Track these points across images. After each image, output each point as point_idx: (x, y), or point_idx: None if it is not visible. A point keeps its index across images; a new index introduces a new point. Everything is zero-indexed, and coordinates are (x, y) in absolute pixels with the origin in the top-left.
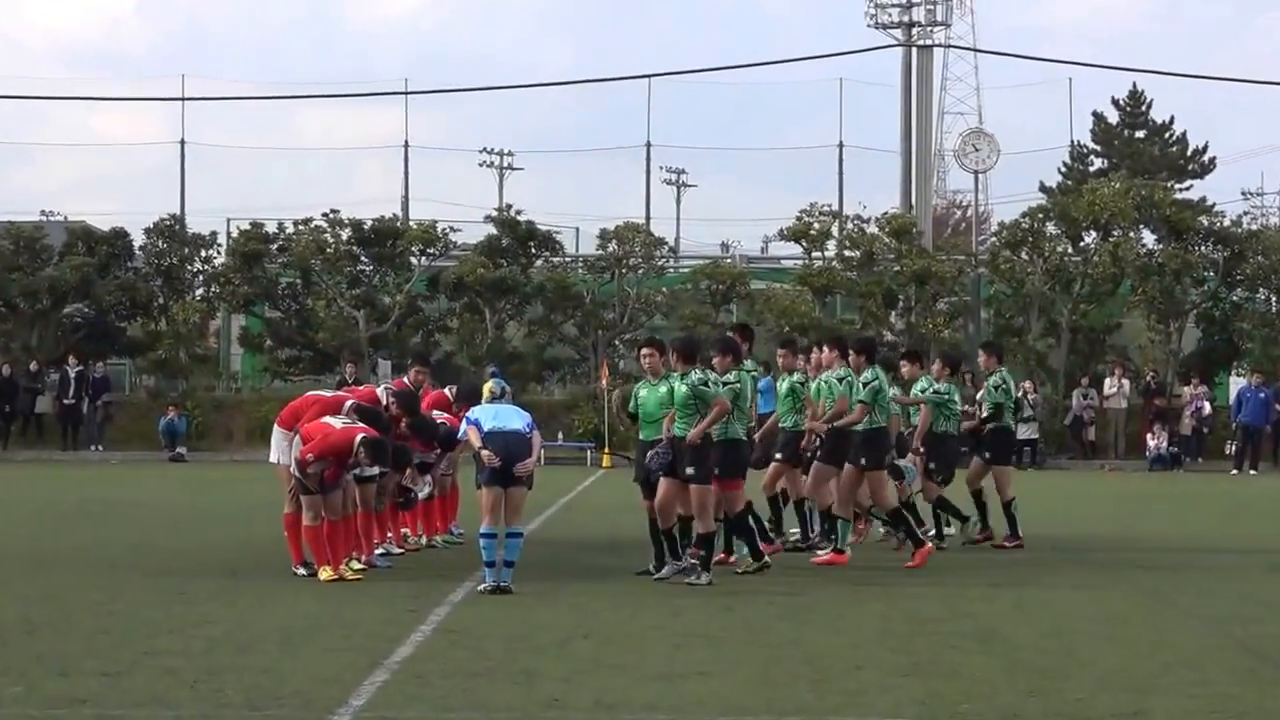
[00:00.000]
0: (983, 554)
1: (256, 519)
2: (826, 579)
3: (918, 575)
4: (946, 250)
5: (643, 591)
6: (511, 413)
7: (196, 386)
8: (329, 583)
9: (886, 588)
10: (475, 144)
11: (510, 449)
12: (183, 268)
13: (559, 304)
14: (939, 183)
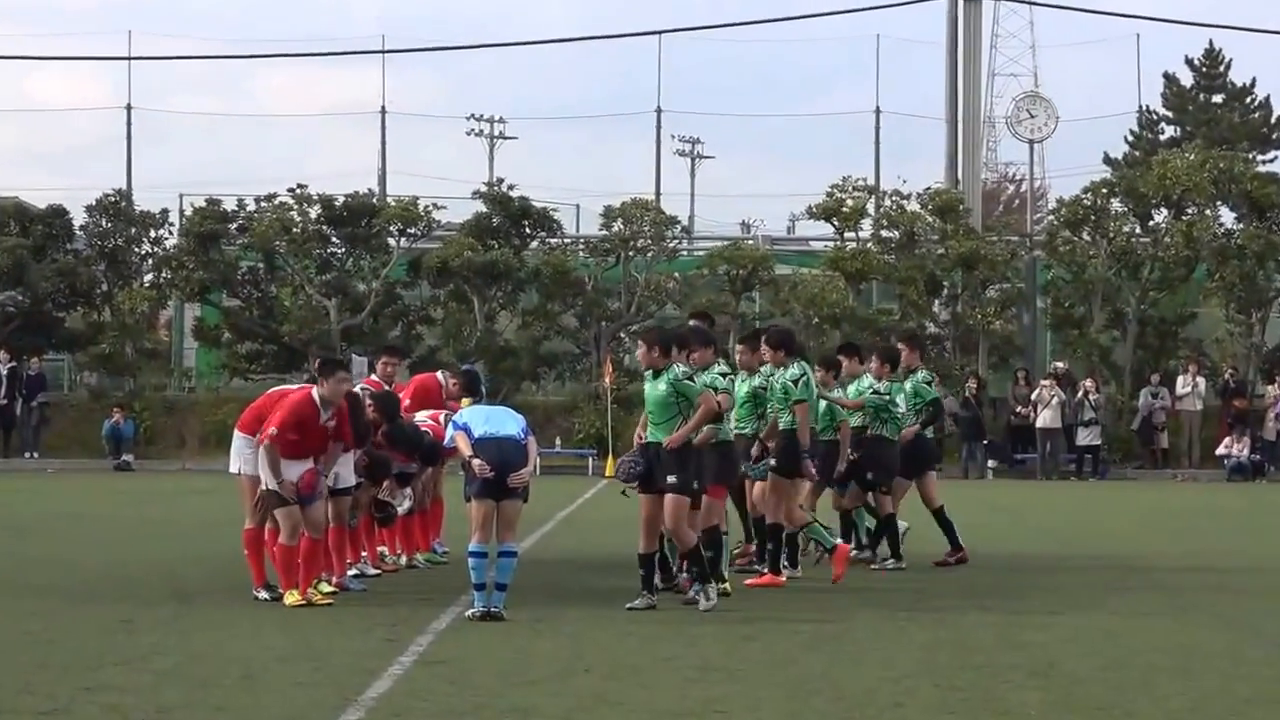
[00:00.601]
0: (1036, 576)
1: (212, 536)
2: (860, 604)
3: (964, 599)
4: (997, 230)
5: (652, 619)
6: (504, 416)
7: (145, 385)
8: (296, 608)
9: (928, 614)
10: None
11: (504, 457)
12: (129, 250)
13: (557, 291)
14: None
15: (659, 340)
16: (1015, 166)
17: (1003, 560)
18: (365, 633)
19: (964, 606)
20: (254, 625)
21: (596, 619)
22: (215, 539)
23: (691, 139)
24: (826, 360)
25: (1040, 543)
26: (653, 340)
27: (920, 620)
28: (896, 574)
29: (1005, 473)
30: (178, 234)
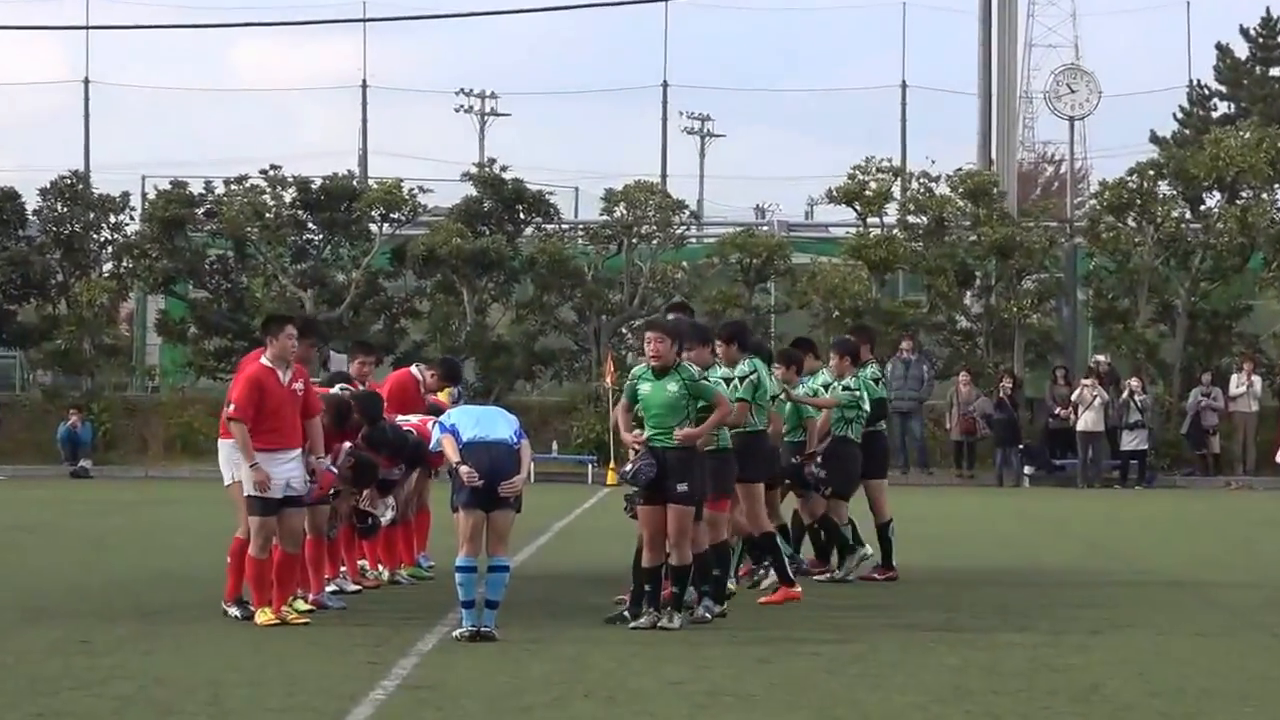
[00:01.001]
0: (1076, 592)
1: (178, 549)
2: (884, 624)
3: (997, 618)
4: (1035, 216)
5: (657, 639)
6: (496, 417)
7: (104, 385)
8: (268, 627)
9: (958, 634)
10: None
11: (494, 464)
12: (87, 237)
13: (554, 282)
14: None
15: (678, 333)
16: (1054, 146)
17: (1040, 575)
18: (344, 654)
19: (997, 626)
20: (223, 646)
21: (597, 639)
22: (181, 552)
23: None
24: (788, 356)
25: (1081, 556)
26: (674, 333)
27: (949, 641)
28: (923, 590)
29: (1043, 480)
30: (140, 219)
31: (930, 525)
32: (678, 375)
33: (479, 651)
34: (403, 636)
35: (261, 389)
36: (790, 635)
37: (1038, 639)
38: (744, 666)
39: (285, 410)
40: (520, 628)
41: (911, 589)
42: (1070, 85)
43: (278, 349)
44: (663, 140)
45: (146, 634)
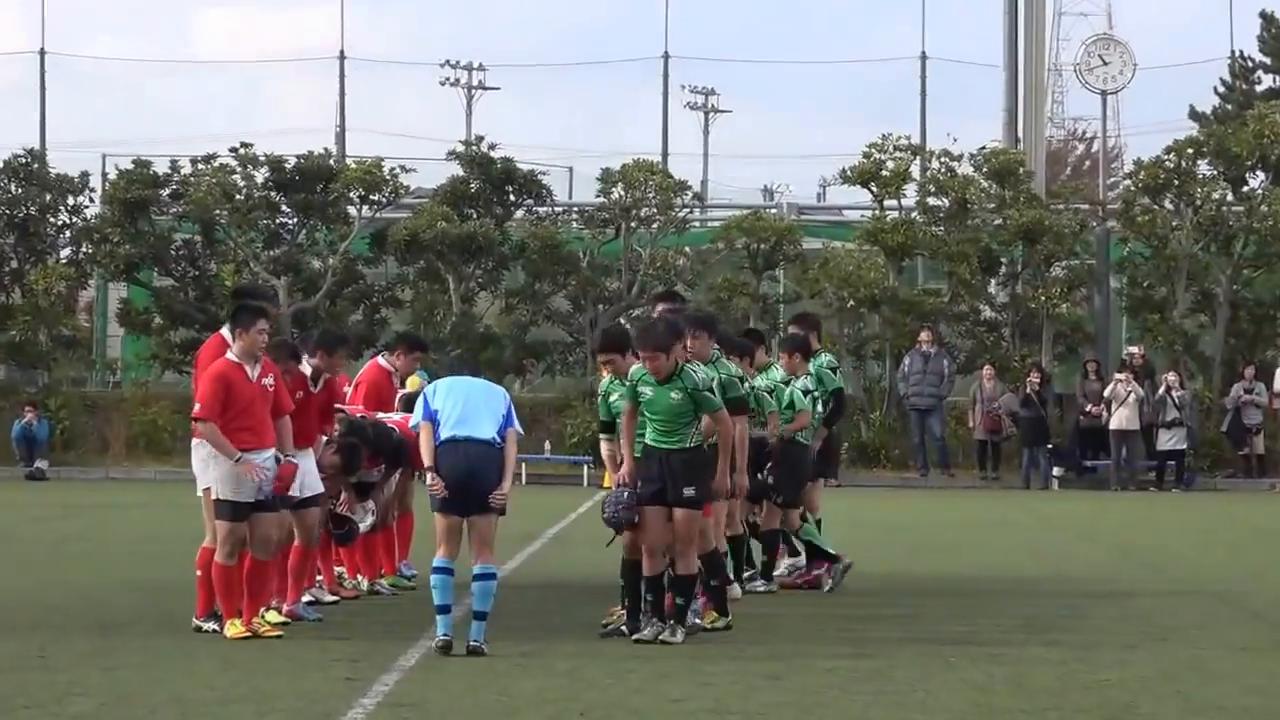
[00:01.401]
0: (1109, 604)
1: (142, 556)
2: (901, 637)
3: (1023, 632)
4: (1064, 197)
5: (658, 654)
6: (480, 405)
7: (62, 379)
8: (238, 640)
9: (982, 648)
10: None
11: (471, 467)
12: (43, 220)
13: (546, 269)
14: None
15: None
16: (1085, 122)
17: (1069, 585)
18: (321, 670)
19: (1024, 640)
20: (190, 661)
21: (593, 654)
22: (145, 560)
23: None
24: (740, 348)
25: (1114, 564)
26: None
27: (972, 655)
28: (944, 601)
29: (1073, 482)
30: (100, 201)
31: (952, 531)
32: (680, 383)
33: (466, 667)
34: (383, 651)
35: (228, 386)
36: (802, 650)
37: (1067, 654)
38: (751, 683)
39: (255, 408)
40: (511, 641)
41: (932, 600)
42: (1103, 56)
43: (247, 344)
44: (663, 116)
45: (108, 648)
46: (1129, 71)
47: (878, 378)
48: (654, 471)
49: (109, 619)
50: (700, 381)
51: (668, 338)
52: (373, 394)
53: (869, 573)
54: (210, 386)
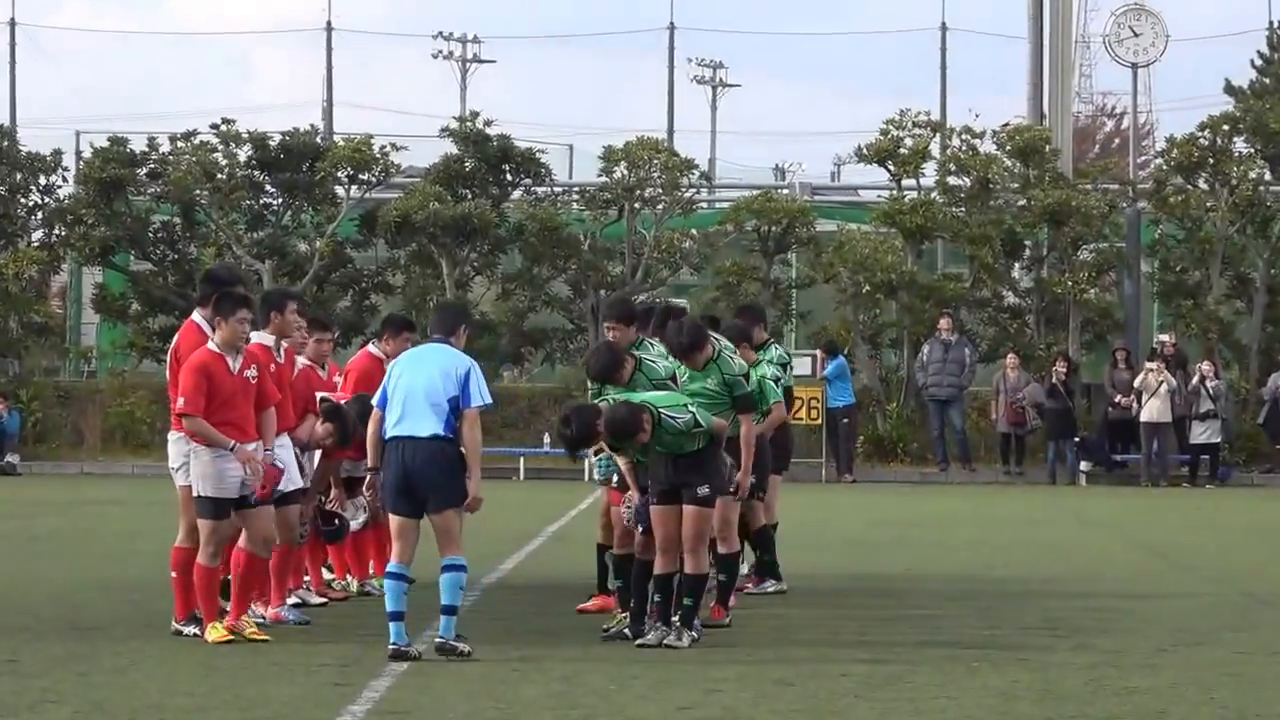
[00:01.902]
0: (1140, 605)
1: (119, 556)
2: (920, 641)
3: (1050, 635)
4: (1093, 177)
5: (664, 659)
6: (428, 386)
7: (34, 369)
8: (221, 644)
9: (1006, 652)
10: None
11: (408, 470)
12: (13, 201)
13: (545, 252)
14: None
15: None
16: (1115, 97)
17: (1098, 586)
18: (307, 675)
19: (1050, 643)
20: (169, 667)
21: (594, 658)
22: (122, 560)
23: (712, 63)
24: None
25: (1145, 564)
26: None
27: (995, 660)
28: (965, 602)
29: (1102, 477)
30: (74, 181)
31: (973, 529)
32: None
33: (460, 673)
34: (373, 655)
35: (210, 378)
36: (815, 654)
37: (1095, 658)
38: (761, 689)
39: (237, 401)
40: (508, 645)
41: (953, 601)
42: (1133, 27)
43: (228, 334)
44: (669, 91)
45: (82, 653)
46: (1161, 43)
47: (895, 367)
48: (664, 471)
49: (84, 621)
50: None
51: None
52: (364, 383)
53: (886, 573)
54: (191, 379)
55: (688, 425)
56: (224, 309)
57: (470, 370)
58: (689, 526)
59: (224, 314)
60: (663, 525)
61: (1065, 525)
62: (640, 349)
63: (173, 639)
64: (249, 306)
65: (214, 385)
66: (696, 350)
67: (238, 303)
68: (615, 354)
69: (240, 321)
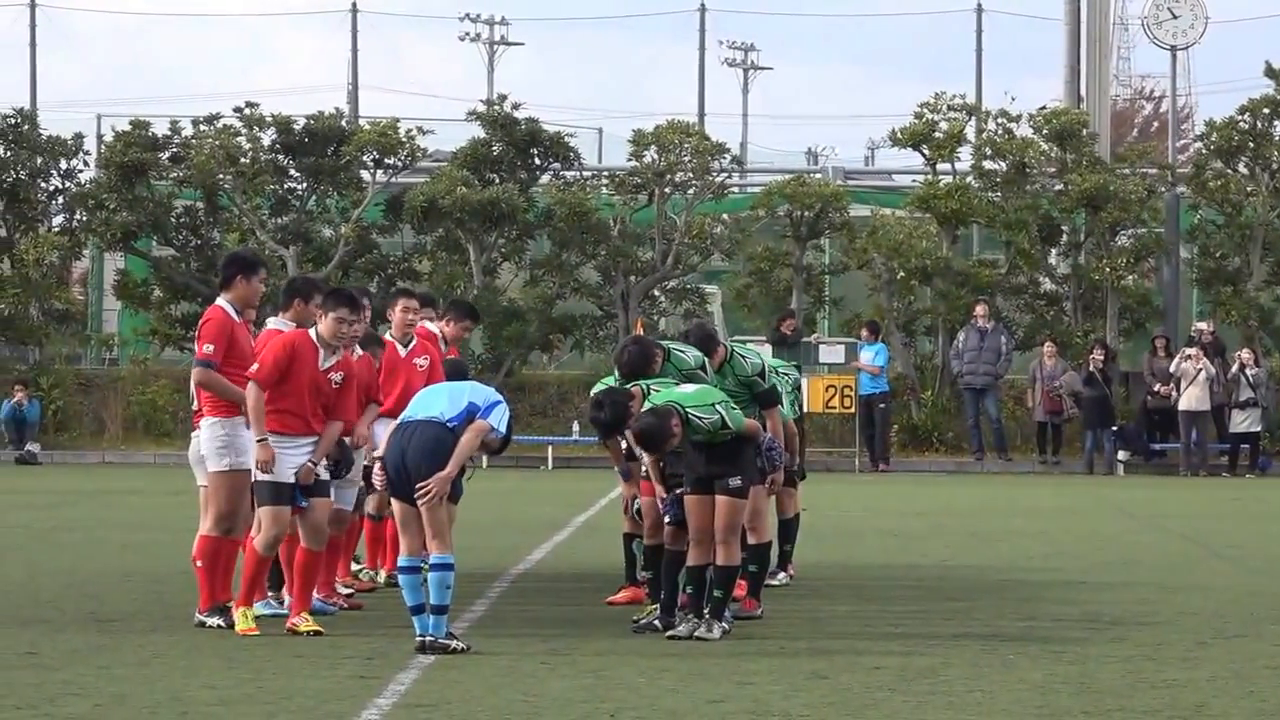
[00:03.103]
0: (1178, 597)
1: (141, 546)
2: (955, 634)
3: (1087, 628)
4: (1131, 161)
5: (694, 651)
6: (458, 390)
7: (54, 356)
8: (247, 636)
9: (1042, 645)
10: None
11: (408, 450)
12: (34, 185)
13: (574, 238)
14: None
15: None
16: (1153, 80)
17: (1136, 577)
18: (332, 668)
19: (1087, 636)
20: (192, 659)
21: (624, 651)
22: (144, 550)
23: (744, 45)
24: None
25: (1183, 555)
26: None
27: (1032, 653)
28: (1001, 594)
29: (1139, 467)
30: (95, 165)
31: (1009, 519)
32: (731, 370)
33: (487, 665)
34: (400, 648)
35: (293, 359)
36: (848, 646)
37: (1133, 650)
38: (794, 682)
39: (309, 397)
40: (536, 638)
41: (988, 593)
42: (1172, 9)
43: (328, 330)
44: (700, 73)
45: (104, 645)
46: (1200, 25)
47: (930, 355)
48: (697, 461)
49: (105, 613)
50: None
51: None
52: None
53: (920, 564)
54: (277, 352)
55: (714, 426)
56: (329, 304)
57: (501, 403)
58: (721, 517)
59: (328, 309)
60: (696, 516)
61: (1103, 515)
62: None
63: (195, 630)
64: (353, 306)
65: (294, 369)
66: (709, 355)
67: (343, 300)
68: (645, 348)
69: (338, 321)
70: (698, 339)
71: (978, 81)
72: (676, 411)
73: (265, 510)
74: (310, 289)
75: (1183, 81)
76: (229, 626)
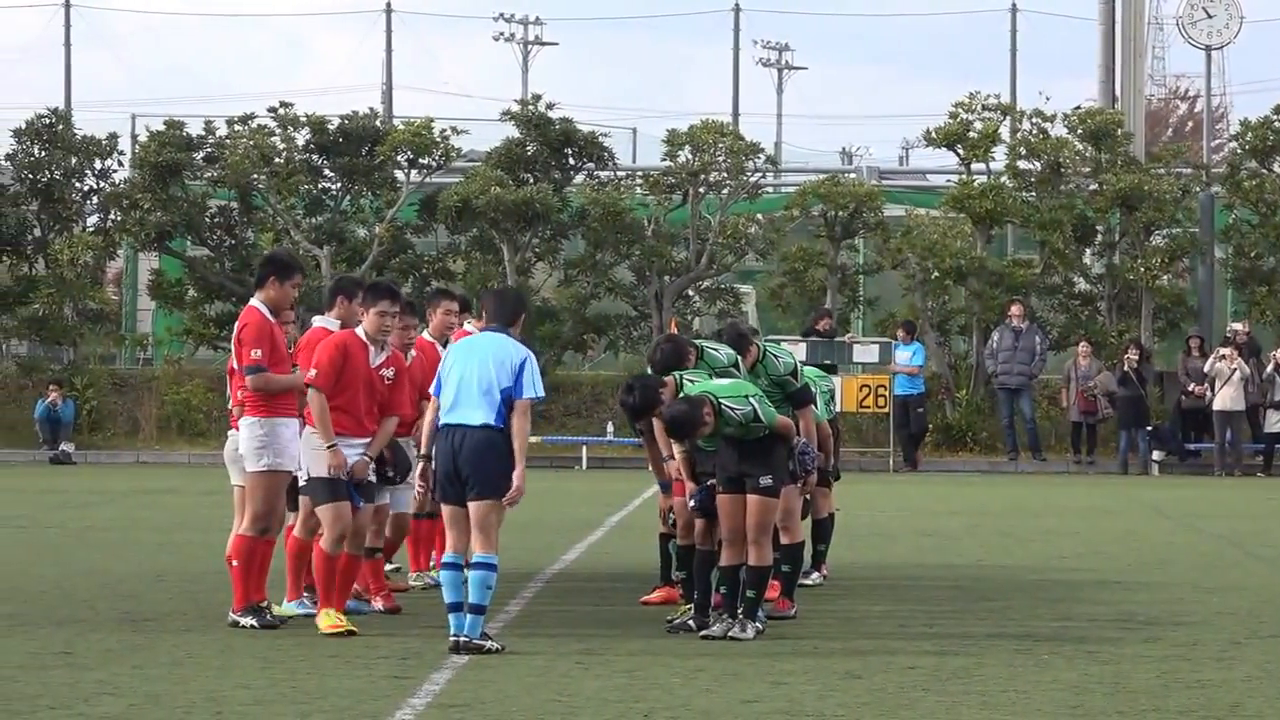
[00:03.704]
0: (1213, 597)
1: (175, 546)
2: (990, 634)
3: (1121, 628)
4: (1166, 161)
5: (728, 651)
6: (480, 373)
7: (89, 356)
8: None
9: (1077, 645)
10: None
11: (457, 457)
12: (68, 185)
13: (608, 238)
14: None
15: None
16: (1188, 80)
17: (1171, 578)
18: (366, 668)
19: (1122, 636)
20: (226, 658)
21: (658, 651)
22: (178, 550)
23: (778, 45)
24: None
25: (1218, 555)
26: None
27: (1067, 654)
28: (1035, 594)
29: (1174, 467)
30: (129, 165)
31: (1044, 519)
32: (764, 370)
33: (522, 666)
34: (434, 648)
35: (346, 359)
36: (882, 646)
37: (1169, 651)
38: (828, 682)
39: (363, 396)
40: (570, 638)
41: (1022, 593)
42: (1207, 9)
43: (372, 325)
44: (734, 73)
45: (138, 645)
46: (1235, 25)
47: (964, 355)
48: (729, 459)
49: (139, 613)
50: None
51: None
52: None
53: (954, 564)
54: (329, 353)
55: (746, 418)
56: (370, 300)
57: (526, 361)
58: (753, 516)
59: (369, 303)
60: (728, 515)
61: (1137, 515)
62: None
63: (230, 630)
64: (394, 299)
65: (347, 369)
66: (741, 355)
67: (383, 293)
68: (678, 346)
69: (380, 315)
70: (730, 338)
71: (1012, 81)
72: (710, 401)
73: (325, 509)
74: (354, 287)
75: (1217, 81)
76: (262, 626)
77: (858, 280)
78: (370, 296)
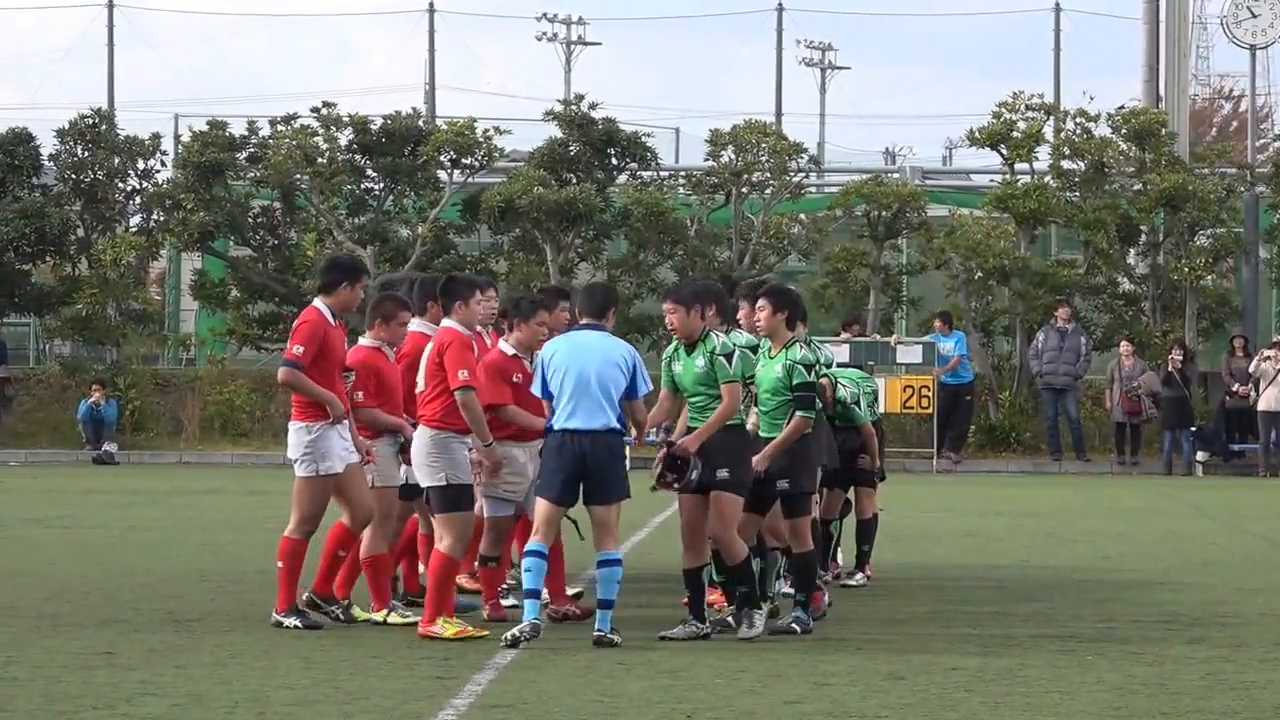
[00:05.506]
0: (1258, 599)
1: (217, 546)
2: (1033, 635)
3: (1166, 629)
4: (1210, 160)
5: (773, 650)
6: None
7: (132, 356)
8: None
9: (1121, 646)
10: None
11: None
12: (111, 185)
13: (651, 238)
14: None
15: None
16: (1232, 79)
17: (1215, 578)
18: (409, 668)
19: (1166, 638)
20: (269, 659)
21: (701, 651)
22: (221, 550)
23: (821, 45)
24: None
25: (1262, 556)
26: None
27: (1110, 655)
28: (1079, 595)
29: (1218, 467)
30: (172, 165)
31: (1087, 519)
32: (704, 348)
33: (565, 666)
34: (477, 648)
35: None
36: (925, 647)
37: (1213, 652)
38: (871, 683)
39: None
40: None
41: (1066, 594)
42: (1251, 8)
43: (527, 336)
44: (777, 73)
45: (181, 645)
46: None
47: (1007, 355)
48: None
49: (182, 613)
50: (720, 345)
51: (692, 295)
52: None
53: (998, 565)
54: (467, 355)
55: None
56: (463, 292)
57: (637, 363)
58: (714, 513)
59: (524, 317)
60: (684, 513)
61: (1181, 516)
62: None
63: (273, 630)
64: (485, 288)
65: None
66: None
67: (473, 285)
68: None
69: (477, 303)
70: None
71: (1056, 81)
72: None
73: (445, 519)
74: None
75: (1262, 81)
76: (305, 627)
77: (901, 280)
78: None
